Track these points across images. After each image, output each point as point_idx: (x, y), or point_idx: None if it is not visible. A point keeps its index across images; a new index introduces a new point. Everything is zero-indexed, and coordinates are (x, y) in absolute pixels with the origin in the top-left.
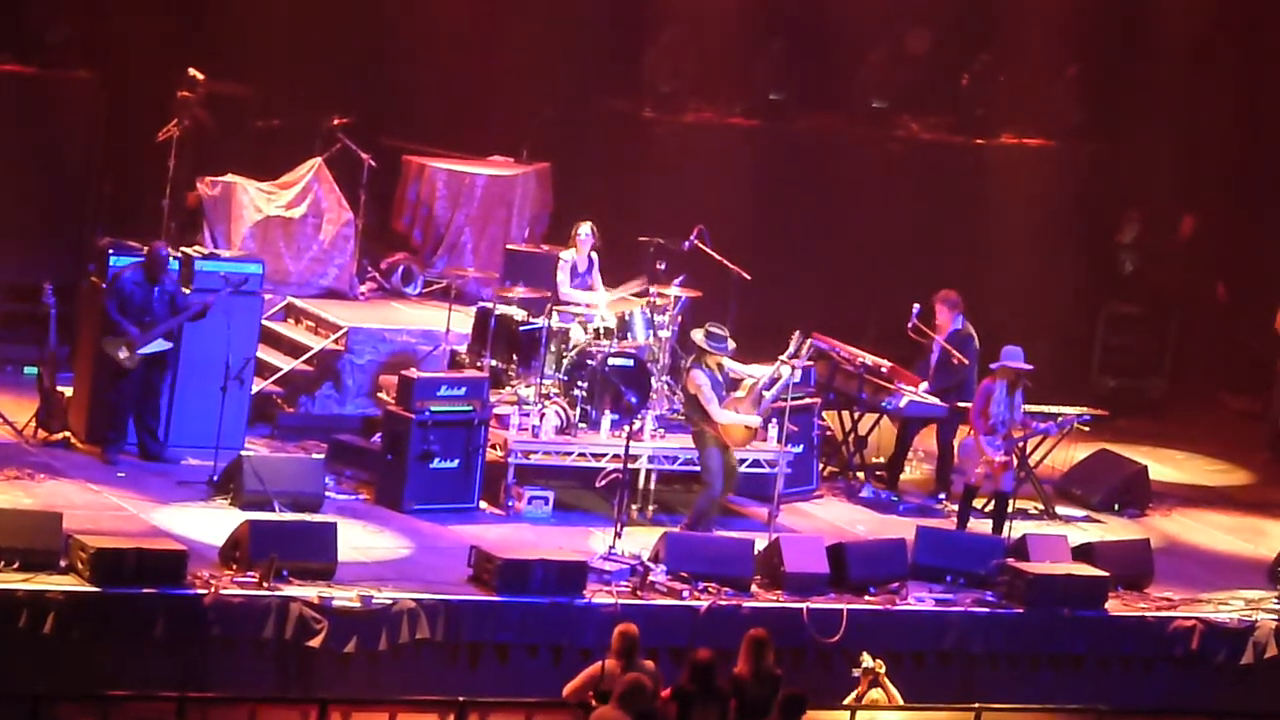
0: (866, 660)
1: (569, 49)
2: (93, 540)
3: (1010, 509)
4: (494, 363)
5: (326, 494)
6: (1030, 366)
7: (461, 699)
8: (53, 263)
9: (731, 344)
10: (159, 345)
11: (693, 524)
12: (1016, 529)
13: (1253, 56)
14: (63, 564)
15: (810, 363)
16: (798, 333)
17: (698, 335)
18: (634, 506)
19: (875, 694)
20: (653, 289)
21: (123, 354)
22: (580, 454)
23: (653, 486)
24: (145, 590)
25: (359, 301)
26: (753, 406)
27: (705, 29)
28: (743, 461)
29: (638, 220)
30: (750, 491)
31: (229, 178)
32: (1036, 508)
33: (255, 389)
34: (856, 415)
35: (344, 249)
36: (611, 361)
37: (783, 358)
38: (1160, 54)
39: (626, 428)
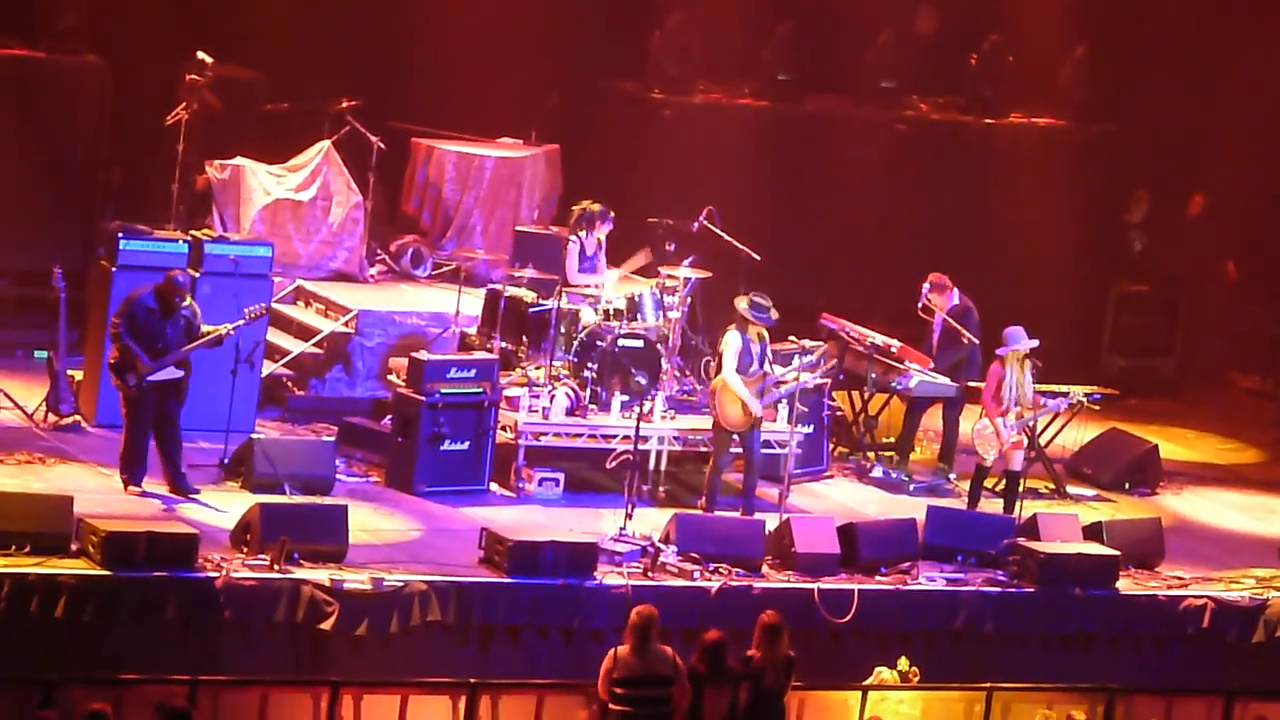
0: (902, 664)
1: (577, 31)
2: (104, 524)
3: (1021, 488)
4: (504, 344)
5: (337, 476)
6: (1035, 342)
7: (473, 681)
8: (62, 247)
9: (774, 314)
10: (169, 373)
11: (706, 499)
12: (1027, 508)
13: (1261, 33)
14: (74, 548)
15: (825, 380)
16: (826, 346)
17: (741, 304)
18: (644, 487)
19: (885, 673)
20: (662, 270)
21: (130, 380)
22: (590, 435)
23: (663, 467)
24: (157, 574)
25: (368, 284)
26: (758, 395)
27: (713, 10)
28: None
29: (647, 201)
30: (761, 472)
31: (238, 161)
32: (1047, 487)
33: (265, 372)
34: (867, 395)
35: (353, 232)
36: (621, 343)
37: (802, 364)
38: (1168, 32)
39: (636, 408)
